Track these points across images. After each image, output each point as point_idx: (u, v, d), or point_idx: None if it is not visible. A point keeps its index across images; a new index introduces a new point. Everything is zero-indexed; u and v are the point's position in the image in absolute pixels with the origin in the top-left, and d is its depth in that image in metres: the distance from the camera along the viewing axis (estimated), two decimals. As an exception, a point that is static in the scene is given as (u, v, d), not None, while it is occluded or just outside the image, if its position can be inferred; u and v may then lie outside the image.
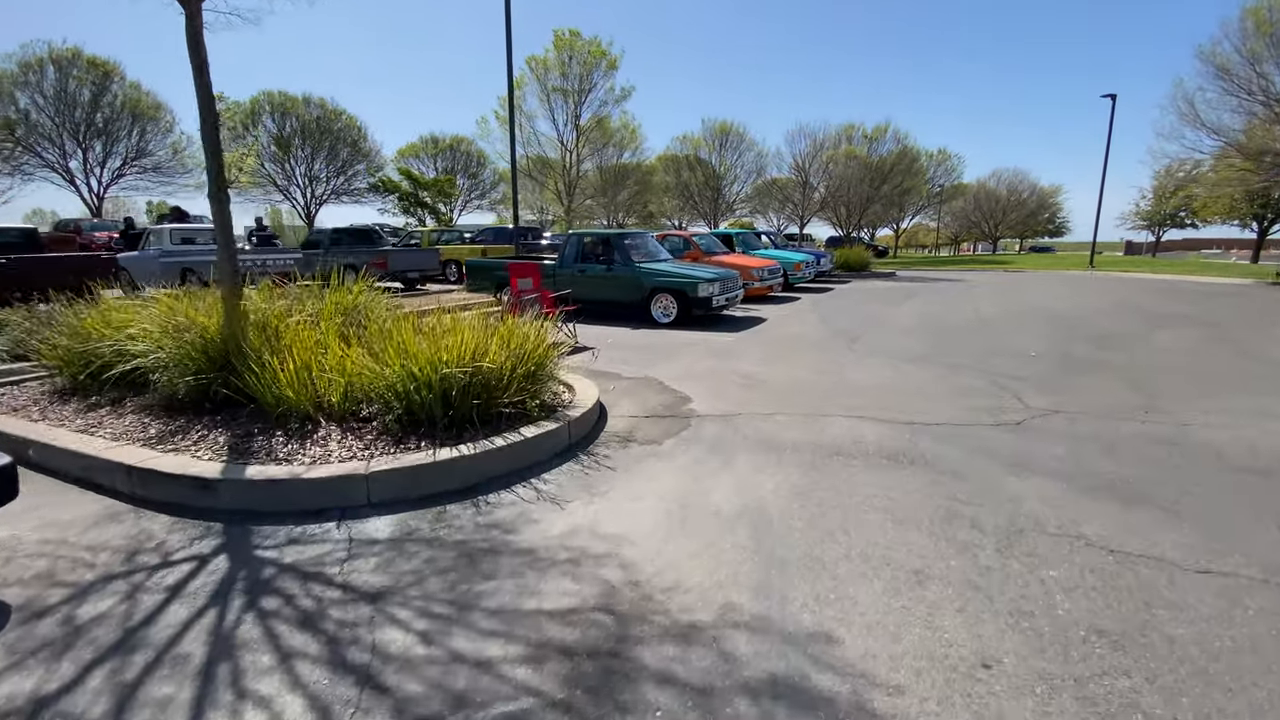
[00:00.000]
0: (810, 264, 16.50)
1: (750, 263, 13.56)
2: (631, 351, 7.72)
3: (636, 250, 10.86)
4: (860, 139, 35.42)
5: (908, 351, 7.61)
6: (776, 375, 6.28)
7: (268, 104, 36.74)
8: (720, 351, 7.66)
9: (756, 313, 11.56)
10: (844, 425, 4.55)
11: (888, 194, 37.54)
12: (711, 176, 35.45)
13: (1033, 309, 12.07)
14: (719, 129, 35.17)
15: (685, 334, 9.09)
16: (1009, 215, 59.44)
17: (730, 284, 10.50)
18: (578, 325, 9.52)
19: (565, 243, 11.14)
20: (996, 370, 6.48)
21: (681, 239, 14.50)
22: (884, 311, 11.78)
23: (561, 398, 4.87)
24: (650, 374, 6.38)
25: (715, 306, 9.89)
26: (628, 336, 8.94)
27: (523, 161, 25.05)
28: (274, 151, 37.40)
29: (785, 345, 8.13)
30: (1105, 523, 2.98)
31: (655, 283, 10.08)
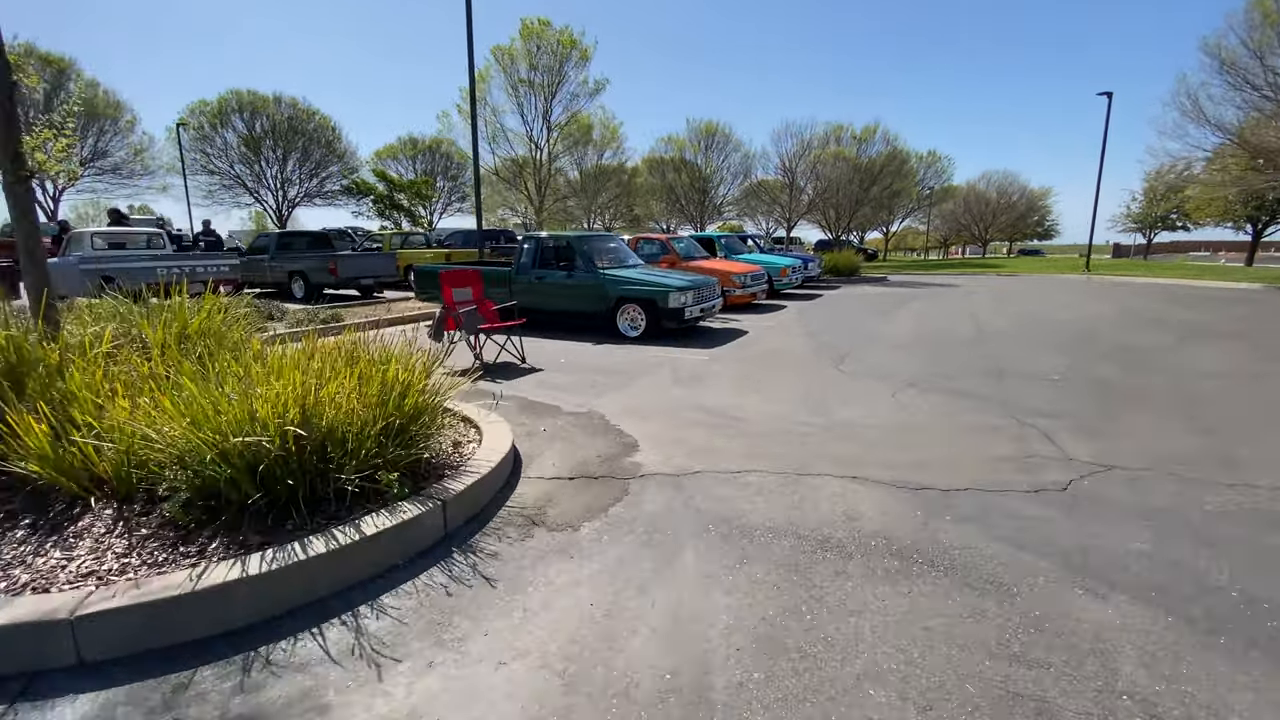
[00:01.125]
0: (797, 269, 15.42)
1: (731, 268, 12.44)
2: (584, 374, 6.54)
3: (601, 255, 9.69)
4: (849, 140, 34.53)
5: (906, 373, 6.49)
6: (751, 410, 5.12)
7: (236, 103, 35.29)
8: (688, 375, 6.50)
9: (737, 323, 10.42)
10: (835, 490, 3.40)
11: (877, 196, 36.69)
12: (697, 178, 34.38)
13: (1038, 318, 11.01)
14: (704, 129, 34.15)
15: (653, 350, 7.93)
16: (999, 218, 58.90)
17: (706, 292, 9.36)
18: (533, 340, 8.47)
19: (521, 246, 9.96)
20: (1016, 400, 5.36)
21: (658, 243, 13.35)
22: (876, 322, 10.67)
23: (460, 452, 3.68)
24: (597, 407, 5.20)
25: (689, 318, 8.74)
26: (586, 354, 7.76)
27: (493, 161, 23.78)
28: (243, 152, 35.94)
29: (765, 365, 6.98)
30: None
31: (621, 291, 8.92)
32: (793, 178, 30.64)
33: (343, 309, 12.21)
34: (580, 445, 4.21)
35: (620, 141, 27.93)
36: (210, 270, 12.31)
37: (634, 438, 4.36)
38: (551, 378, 6.44)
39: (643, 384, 6.10)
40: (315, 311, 10.37)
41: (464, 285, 7.35)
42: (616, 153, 28.11)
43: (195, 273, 12.05)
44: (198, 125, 34.67)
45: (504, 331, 7.37)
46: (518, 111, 21.46)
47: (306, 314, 10.24)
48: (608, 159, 28.19)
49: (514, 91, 20.75)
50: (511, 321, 7.29)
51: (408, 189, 34.86)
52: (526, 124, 22.16)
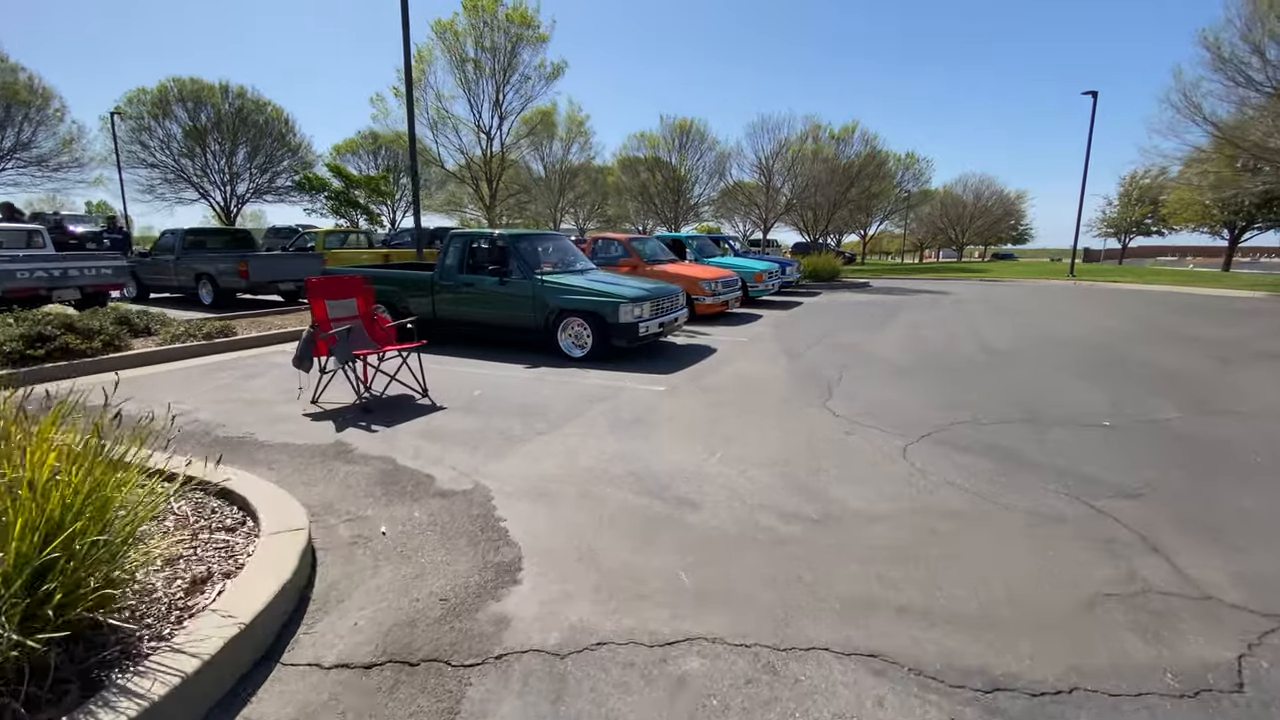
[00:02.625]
0: (774, 274, 14.00)
1: (700, 273, 10.94)
2: (495, 416, 4.96)
3: (540, 257, 8.10)
4: (827, 139, 33.39)
5: (915, 414, 5.02)
6: (709, 484, 3.59)
7: (178, 91, 32.89)
8: (632, 416, 4.94)
9: (706, 337, 8.91)
10: (844, 702, 1.87)
11: (856, 198, 35.65)
12: (671, 178, 32.94)
13: (1047, 333, 9.69)
14: (678, 127, 32.72)
15: (596, 376, 6.37)
16: (975, 222, 58.59)
17: (668, 302, 7.82)
18: (452, 363, 6.64)
19: (445, 247, 8.32)
20: (1071, 463, 3.91)
21: (618, 244, 11.80)
22: (866, 338, 9.23)
23: (191, 601, 2.08)
24: (487, 478, 3.63)
25: (644, 335, 7.19)
26: (510, 383, 6.16)
27: (438, 151, 21.80)
28: (187, 144, 33.52)
29: (734, 402, 5.46)
30: None
31: (562, 302, 7.34)
32: (769, 177, 29.31)
33: (247, 318, 10.46)
34: (424, 570, 2.62)
35: (588, 135, 26.31)
36: (87, 274, 10.43)
37: (518, 550, 2.79)
38: (449, 422, 4.84)
39: (568, 433, 4.53)
40: (201, 324, 8.60)
41: (343, 296, 5.70)
42: (584, 147, 26.50)
43: (67, 276, 10.17)
44: (136, 115, 32.23)
45: (410, 353, 5.75)
46: (465, 96, 19.66)
47: (191, 326, 8.47)
48: (575, 155, 26.54)
49: (460, 72, 18.93)
50: (407, 345, 5.67)
51: (365, 185, 32.76)
52: (474, 110, 20.35)
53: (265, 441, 4.43)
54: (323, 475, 3.74)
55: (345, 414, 5.14)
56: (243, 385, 6.15)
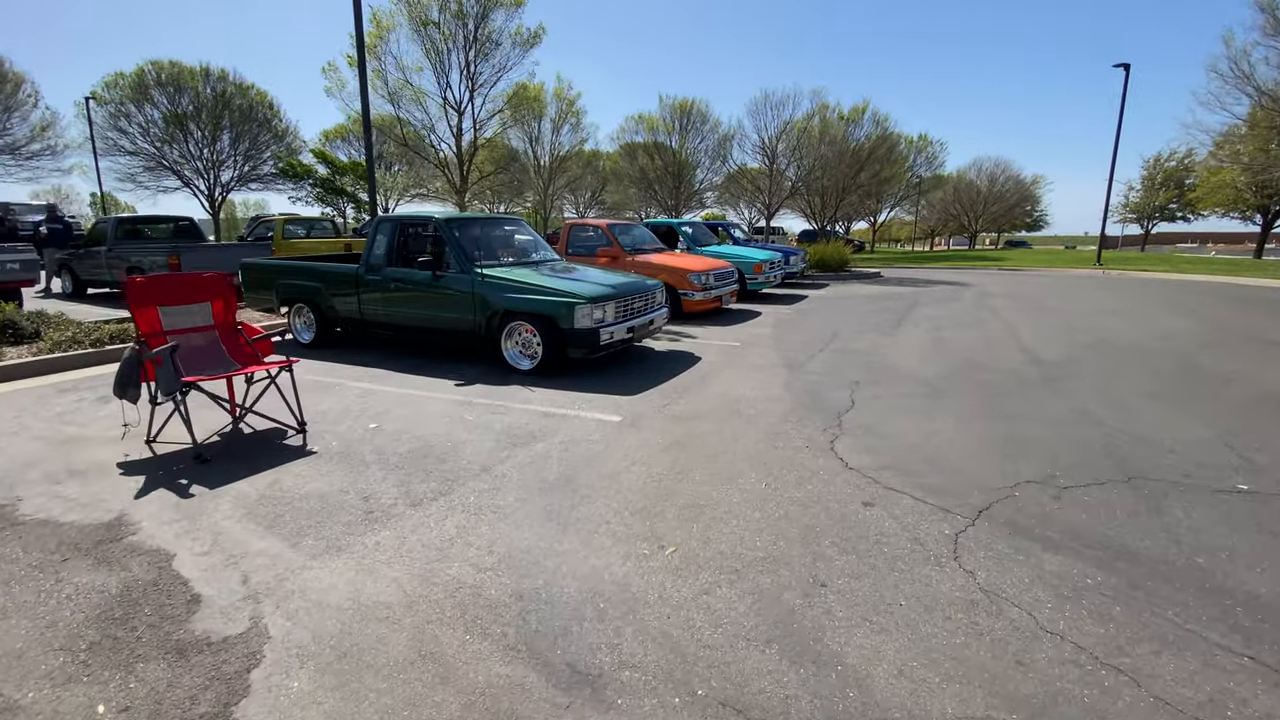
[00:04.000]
0: (776, 264, 12.49)
1: (689, 265, 9.48)
2: (368, 471, 3.57)
3: (485, 246, 6.67)
4: (836, 119, 31.56)
5: (959, 463, 3.59)
6: (638, 639, 2.18)
7: (157, 75, 31.47)
8: (561, 475, 3.54)
9: (691, 342, 7.47)
10: None
11: (866, 183, 33.84)
12: (672, 162, 31.25)
13: (1100, 337, 8.18)
14: (678, 107, 30.98)
15: (539, 400, 4.96)
16: (989, 208, 56.48)
17: (640, 301, 6.39)
18: (369, 376, 5.24)
19: (373, 234, 6.90)
20: (1230, 576, 2.48)
21: (595, 231, 10.33)
22: (881, 341, 7.75)
23: None
24: (278, 608, 2.25)
25: (608, 342, 5.76)
26: (423, 410, 4.76)
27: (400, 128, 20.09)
28: (169, 130, 32.15)
29: (708, 444, 4.03)
30: None
31: (505, 301, 5.91)
32: (773, 159, 27.51)
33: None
34: None
35: (579, 114, 24.55)
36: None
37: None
38: (305, 479, 3.45)
39: (456, 504, 3.14)
40: (96, 328, 7.24)
41: (188, 300, 4.29)
42: (576, 129, 24.81)
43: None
44: (114, 100, 30.87)
45: (281, 373, 4.38)
46: (430, 65, 17.97)
47: (82, 331, 7.12)
48: (566, 137, 24.90)
49: (423, 36, 17.14)
50: (271, 363, 4.27)
51: (351, 172, 31.38)
52: (441, 81, 18.67)
53: (22, 515, 3.06)
54: (35, 595, 2.37)
55: (175, 463, 3.77)
56: (82, 413, 4.78)
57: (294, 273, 7.47)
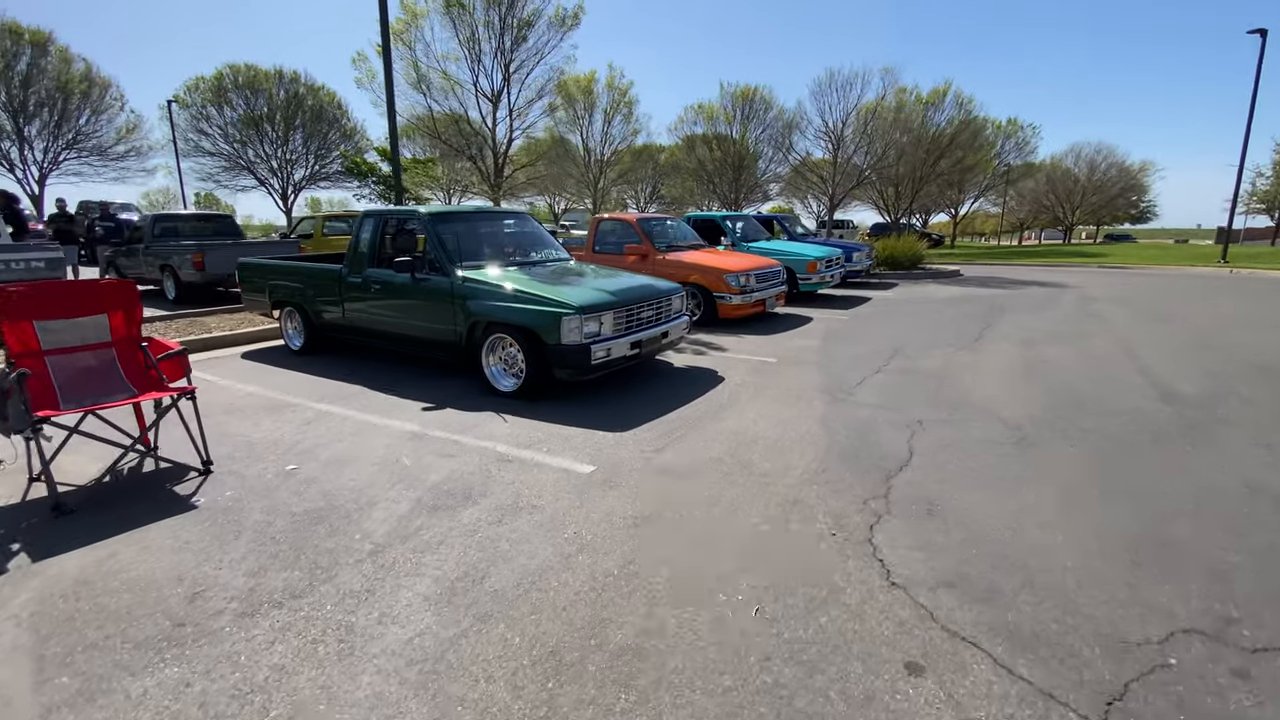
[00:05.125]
0: (834, 262, 11.04)
1: (727, 264, 8.27)
2: (240, 542, 2.68)
3: (472, 244, 5.77)
4: (914, 104, 29.08)
5: (1061, 573, 2.34)
6: None
7: (234, 78, 32.85)
8: (471, 572, 2.53)
9: (720, 356, 6.30)
10: None
11: (946, 171, 31.13)
12: (732, 153, 29.70)
13: (1243, 359, 6.42)
14: (740, 95, 29.38)
15: (505, 434, 3.98)
16: (1088, 198, 51.35)
17: (649, 310, 5.30)
18: (333, 393, 4.40)
19: (356, 229, 6.13)
20: None
21: (624, 226, 9.28)
22: (956, 360, 6.33)
23: None
24: None
25: (604, 360, 4.71)
26: (362, 445, 3.87)
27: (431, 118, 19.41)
28: (245, 132, 33.53)
29: (694, 524, 2.92)
30: None
31: (484, 309, 4.97)
32: (838, 145, 25.36)
33: (185, 318, 8.80)
34: None
35: (631, 103, 23.41)
36: (14, 267, 9.01)
37: None
38: (137, 564, 2.61)
39: (304, 618, 2.19)
40: None
41: (75, 312, 3.55)
42: (628, 119, 23.73)
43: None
44: (195, 104, 32.45)
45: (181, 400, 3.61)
46: (461, 49, 17.33)
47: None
48: (618, 128, 23.85)
49: (454, 17, 16.44)
50: (173, 389, 3.48)
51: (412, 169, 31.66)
52: (473, 67, 17.99)
53: None
54: None
55: (28, 515, 3.04)
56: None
57: (282, 273, 6.83)
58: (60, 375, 3.46)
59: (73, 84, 25.68)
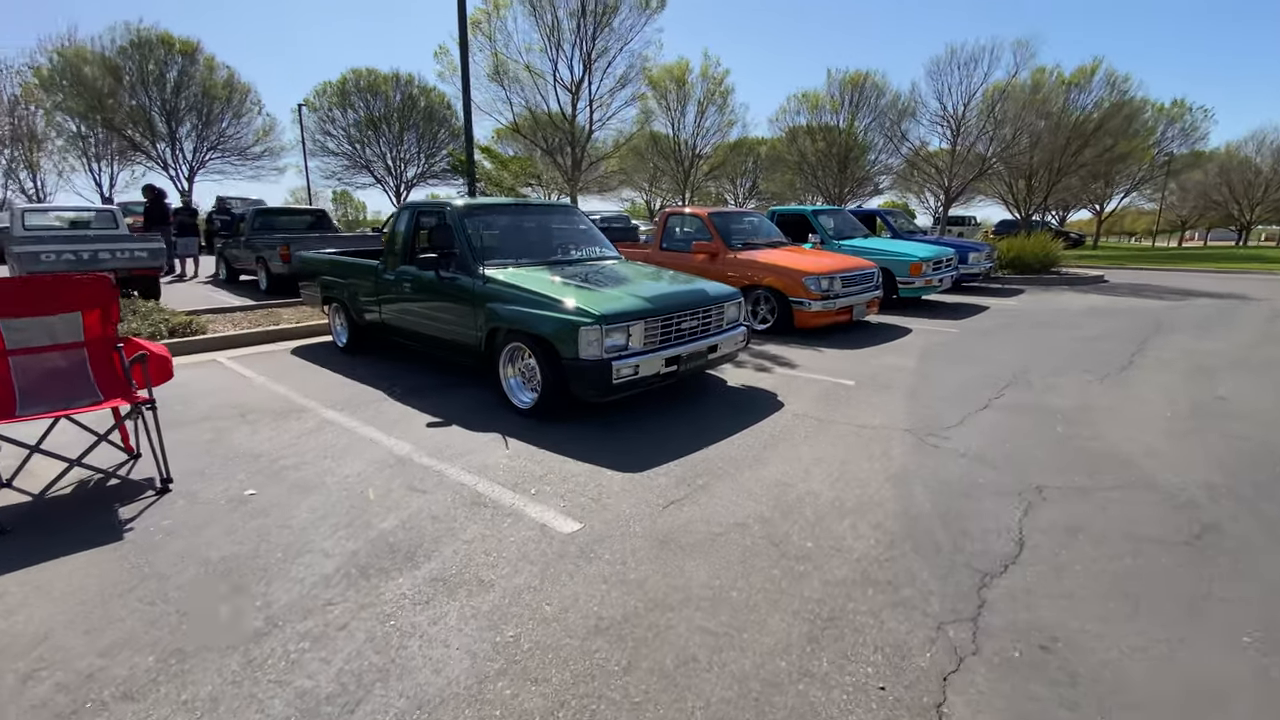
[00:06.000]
0: (944, 264, 9.54)
1: (807, 264, 7.20)
2: (130, 598, 2.18)
3: (506, 239, 5.19)
4: (1054, 84, 25.65)
5: None
6: None
7: (356, 82, 35.13)
8: (349, 682, 1.84)
9: (783, 374, 5.32)
10: None
11: (1091, 161, 27.24)
12: (836, 144, 27.69)
13: None
14: (849, 82, 27.26)
15: (497, 465, 3.32)
16: (1272, 193, 43.51)
17: (695, 319, 4.45)
18: (354, 401, 3.87)
19: (393, 225, 5.76)
20: None
21: (695, 220, 8.42)
22: (1098, 397, 4.95)
23: None
24: None
25: (627, 379, 3.94)
26: (338, 469, 3.36)
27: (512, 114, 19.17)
28: (364, 132, 35.83)
29: (676, 639, 2.09)
30: None
31: (502, 315, 4.35)
32: (957, 131, 22.66)
33: (264, 309, 9.03)
34: None
35: (727, 92, 22.11)
36: (119, 256, 9.65)
37: None
38: (5, 614, 2.16)
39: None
40: (162, 320, 7.06)
41: (43, 309, 3.26)
42: (723, 109, 22.48)
43: (97, 259, 9.44)
44: (322, 107, 35.04)
45: (141, 410, 3.26)
46: (542, 37, 16.90)
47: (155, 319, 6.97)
48: (712, 119, 22.66)
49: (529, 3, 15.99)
50: (131, 397, 3.11)
51: (512, 166, 32.42)
52: (550, 55, 17.51)
53: None
54: None
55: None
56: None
57: (328, 267, 6.64)
58: (24, 377, 3.19)
59: (216, 90, 28.37)
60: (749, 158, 35.82)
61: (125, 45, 26.69)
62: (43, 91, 26.32)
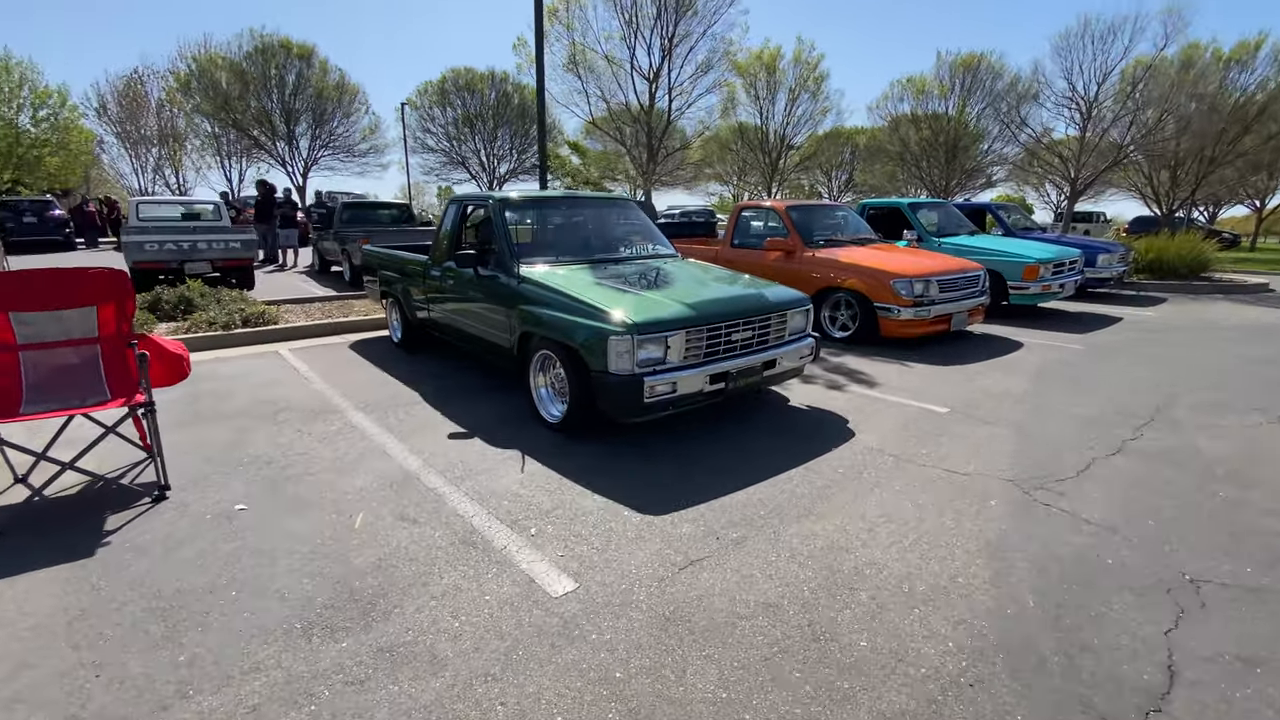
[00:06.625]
0: (1066, 266, 8.22)
1: (897, 265, 6.32)
2: (63, 637, 1.93)
3: (549, 234, 4.81)
4: (1209, 61, 22.24)
5: None
6: None
7: (455, 81, 36.41)
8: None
9: (860, 393, 4.57)
10: None
11: (1252, 149, 23.44)
12: (944, 131, 25.47)
13: None
14: (961, 64, 24.95)
15: (504, 493, 2.92)
16: None
17: (750, 329, 3.84)
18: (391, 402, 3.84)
19: (442, 218, 5.51)
20: None
21: (770, 214, 7.68)
22: (1271, 441, 3.87)
23: None
24: None
25: (662, 397, 3.39)
26: (340, 485, 3.06)
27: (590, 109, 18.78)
28: (460, 130, 37.13)
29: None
30: None
31: (533, 319, 3.93)
32: (1088, 114, 19.95)
33: (340, 300, 9.25)
34: None
35: (822, 78, 20.56)
36: (215, 248, 10.21)
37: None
38: None
39: None
40: (238, 309, 7.27)
41: (57, 303, 3.16)
42: (816, 96, 21.00)
43: (196, 250, 10.03)
44: (424, 105, 36.62)
45: (137, 412, 3.11)
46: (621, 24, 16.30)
47: (223, 313, 7.18)
48: (804, 107, 21.22)
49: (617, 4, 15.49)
50: (129, 398, 2.95)
51: (597, 161, 32.52)
52: (628, 42, 16.84)
53: None
54: None
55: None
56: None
57: (386, 261, 6.54)
58: (34, 373, 3.11)
59: (329, 91, 30.23)
60: (845, 148, 33.86)
61: (250, 51, 28.97)
62: (182, 95, 29.13)
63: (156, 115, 29.99)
